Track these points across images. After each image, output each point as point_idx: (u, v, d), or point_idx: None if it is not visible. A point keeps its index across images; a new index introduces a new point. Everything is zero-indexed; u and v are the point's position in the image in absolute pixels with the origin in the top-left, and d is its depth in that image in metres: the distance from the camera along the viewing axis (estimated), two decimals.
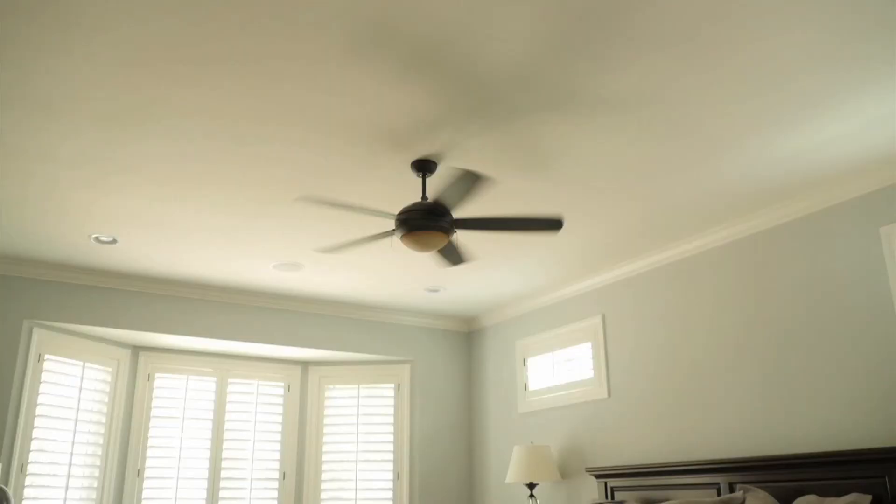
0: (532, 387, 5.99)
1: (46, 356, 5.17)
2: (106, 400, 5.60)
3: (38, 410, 5.04)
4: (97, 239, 4.65)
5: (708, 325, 4.58)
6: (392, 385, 6.50)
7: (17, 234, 4.59)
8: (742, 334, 4.36)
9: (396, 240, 4.48)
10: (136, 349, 5.89)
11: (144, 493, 5.64)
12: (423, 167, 3.61)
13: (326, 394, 6.49)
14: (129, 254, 4.94)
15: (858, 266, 3.81)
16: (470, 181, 3.17)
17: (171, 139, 3.40)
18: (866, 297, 3.75)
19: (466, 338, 6.85)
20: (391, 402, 6.46)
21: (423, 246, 3.50)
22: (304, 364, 6.53)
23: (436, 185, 3.84)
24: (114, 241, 4.71)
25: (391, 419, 6.41)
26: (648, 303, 5.03)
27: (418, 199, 4.08)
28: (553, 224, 3.50)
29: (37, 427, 5.01)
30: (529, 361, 6.07)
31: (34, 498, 4.92)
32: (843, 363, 3.80)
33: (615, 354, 5.23)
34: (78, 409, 5.31)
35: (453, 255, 3.94)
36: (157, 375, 5.92)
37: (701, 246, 4.68)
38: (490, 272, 5.40)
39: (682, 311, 4.78)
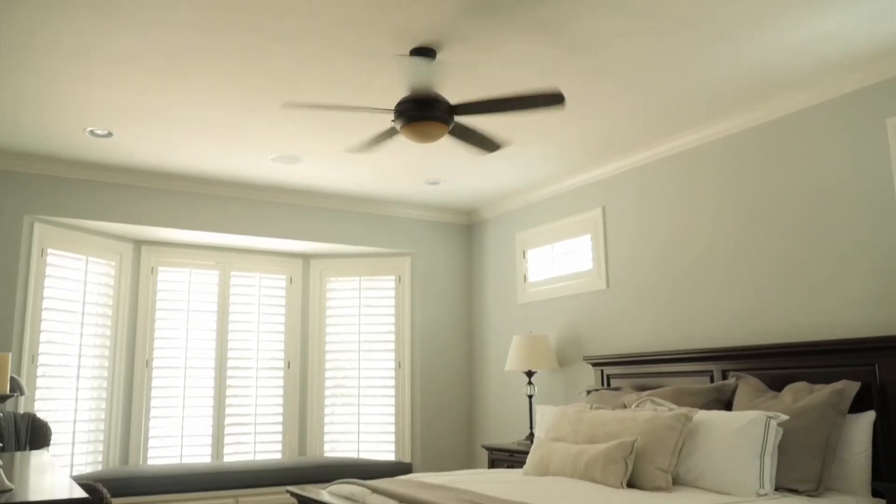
0: (531, 278, 6.06)
1: (49, 251, 5.20)
2: (111, 293, 5.68)
3: (45, 304, 5.12)
4: (92, 132, 4.59)
5: (708, 218, 4.58)
6: (393, 277, 6.57)
7: (14, 128, 4.52)
8: (741, 227, 4.36)
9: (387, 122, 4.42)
10: (139, 243, 5.93)
11: (154, 383, 5.82)
12: (423, 55, 3.51)
13: (328, 286, 6.57)
14: (126, 147, 4.89)
15: (862, 158, 3.77)
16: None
17: (164, 30, 3.30)
18: (869, 190, 3.73)
19: (467, 230, 6.88)
20: (392, 293, 6.55)
21: (422, 137, 3.45)
22: (306, 257, 6.59)
23: (435, 77, 3.75)
24: (109, 135, 4.65)
25: (392, 310, 6.52)
26: (649, 195, 5.01)
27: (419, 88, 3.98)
28: (554, 99, 3.38)
29: (45, 320, 5.10)
30: (529, 253, 6.11)
31: (47, 387, 5.08)
32: (843, 256, 3.82)
33: (614, 246, 5.26)
34: (84, 303, 5.40)
35: (487, 143, 3.87)
36: (160, 269, 5.98)
37: (703, 138, 4.62)
38: (490, 165, 5.35)
39: (682, 204, 4.77)
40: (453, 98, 4.06)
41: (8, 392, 2.30)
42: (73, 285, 5.34)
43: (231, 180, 5.67)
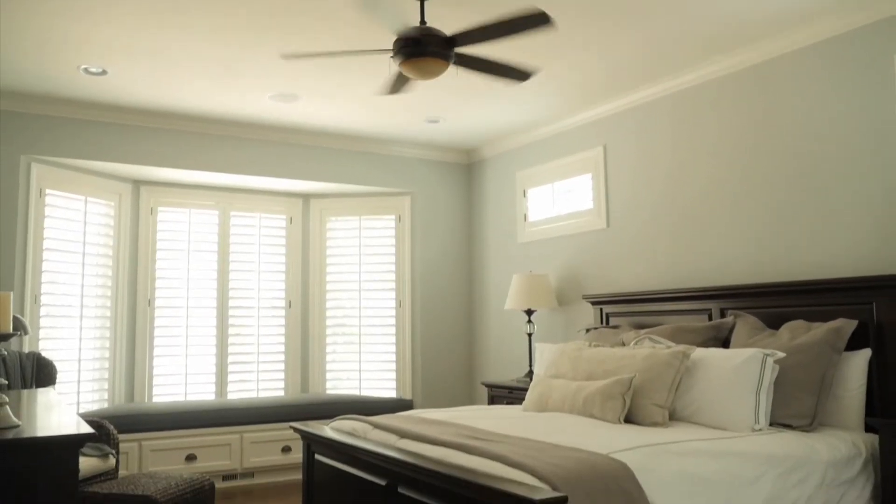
0: (532, 218, 6.06)
1: (48, 191, 5.18)
2: (111, 234, 5.68)
3: (46, 244, 5.13)
4: (86, 70, 4.52)
5: (708, 157, 4.55)
6: (393, 217, 6.57)
7: (8, 68, 4.45)
8: (742, 166, 4.34)
9: (394, 66, 4.34)
10: (137, 183, 5.90)
11: (157, 322, 5.87)
12: None
13: (328, 226, 6.57)
14: (121, 86, 4.82)
15: (866, 96, 3.72)
16: None
17: None
18: (871, 129, 3.69)
19: (467, 169, 6.84)
20: (392, 233, 6.56)
21: (423, 73, 3.40)
22: (305, 197, 6.57)
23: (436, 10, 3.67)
24: (103, 73, 4.58)
25: (392, 250, 6.54)
26: (650, 134, 4.96)
27: (416, 24, 3.91)
28: (541, 20, 3.26)
29: (46, 260, 5.12)
30: (529, 192, 6.09)
31: (51, 327, 5.12)
32: (843, 196, 3.80)
33: (615, 186, 5.23)
34: (84, 243, 5.40)
35: (515, 73, 3.80)
36: (159, 209, 5.97)
37: (704, 76, 4.55)
38: (490, 102, 5.29)
39: (683, 143, 4.73)
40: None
41: (11, 331, 2.32)
42: (72, 226, 5.34)
43: (229, 119, 5.61)
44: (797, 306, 3.81)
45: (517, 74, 3.80)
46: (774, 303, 3.92)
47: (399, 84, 3.83)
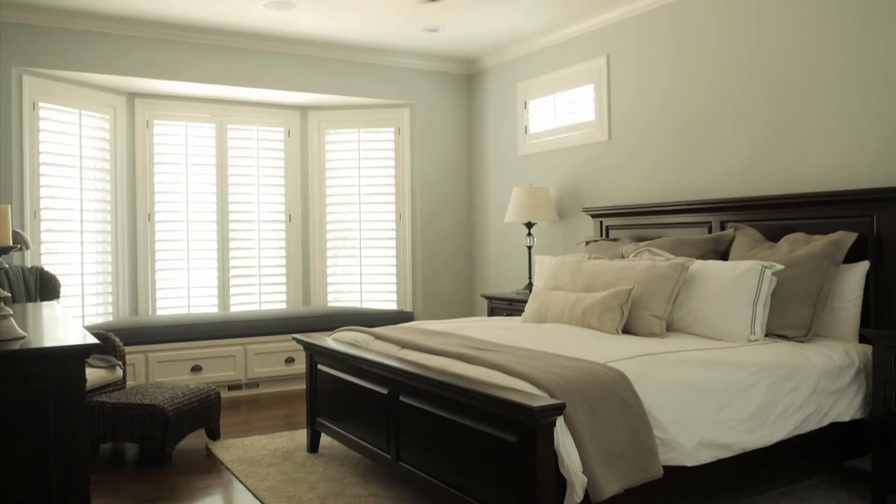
0: (532, 130, 5.98)
1: (41, 104, 5.10)
2: (107, 147, 5.62)
3: (42, 158, 5.08)
4: None
5: (710, 67, 4.45)
6: (392, 129, 6.49)
7: None
8: (744, 77, 4.25)
9: None
10: (132, 96, 5.80)
11: (157, 236, 5.88)
12: None
13: (327, 138, 6.50)
14: None
15: (870, 2, 3.60)
16: None
17: None
18: (876, 37, 3.59)
19: (467, 80, 6.71)
20: (391, 145, 6.49)
21: None
22: (303, 109, 6.47)
23: None
24: None
25: (392, 162, 6.49)
26: (654, 44, 4.84)
27: None
28: None
29: (43, 175, 5.08)
30: (530, 104, 6.00)
31: (53, 241, 5.14)
32: (845, 107, 3.74)
33: (618, 96, 5.15)
34: (81, 157, 5.35)
35: None
36: (155, 122, 5.89)
37: None
38: (491, 9, 5.13)
39: (685, 52, 4.61)
40: None
41: (11, 244, 2.32)
42: (68, 139, 5.28)
43: (223, 29, 5.47)
44: (798, 219, 3.80)
45: None
46: (775, 215, 3.91)
47: None
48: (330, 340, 3.96)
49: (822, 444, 3.24)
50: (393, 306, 6.46)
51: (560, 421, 2.42)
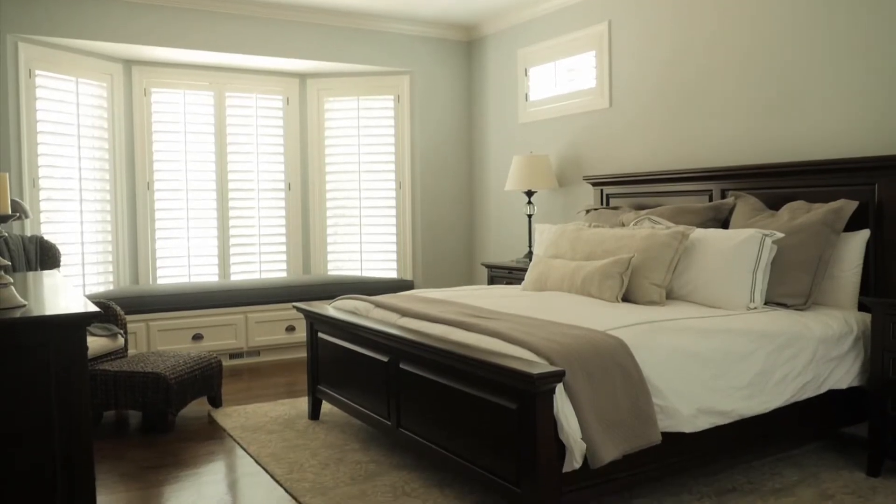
0: (533, 97, 5.94)
1: (37, 72, 5.06)
2: (105, 115, 5.58)
3: (39, 127, 5.05)
4: None
5: (711, 34, 4.40)
6: (391, 97, 6.44)
7: None
8: (745, 45, 4.20)
9: None
10: (129, 63, 5.75)
11: (157, 205, 5.87)
12: None
13: (326, 106, 6.45)
14: None
15: None
16: None
17: None
18: (877, 4, 3.54)
19: (467, 47, 6.65)
20: (391, 113, 6.45)
21: None
22: (302, 76, 6.41)
23: None
24: None
25: (392, 131, 6.45)
26: (656, 11, 4.78)
27: None
28: None
29: (41, 143, 5.05)
30: (531, 71, 5.94)
31: (53, 210, 5.12)
32: (847, 75, 3.70)
33: (619, 63, 5.10)
34: (78, 126, 5.32)
35: None
36: (153, 90, 5.84)
37: None
38: None
39: (689, 19, 4.56)
40: None
41: (10, 212, 2.32)
42: (65, 107, 5.24)
43: None
44: (799, 187, 3.79)
45: None
46: (776, 183, 3.90)
47: None
48: (330, 309, 3.97)
49: (819, 410, 3.27)
50: (393, 275, 6.47)
51: (559, 388, 2.44)
